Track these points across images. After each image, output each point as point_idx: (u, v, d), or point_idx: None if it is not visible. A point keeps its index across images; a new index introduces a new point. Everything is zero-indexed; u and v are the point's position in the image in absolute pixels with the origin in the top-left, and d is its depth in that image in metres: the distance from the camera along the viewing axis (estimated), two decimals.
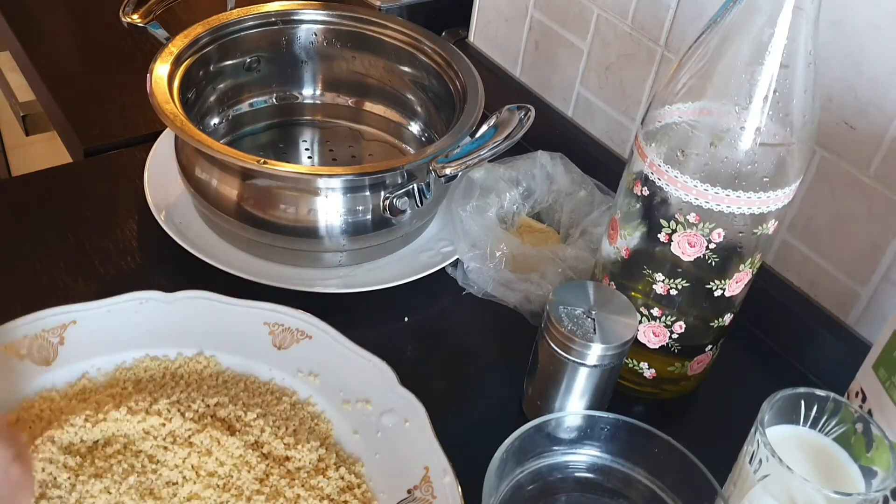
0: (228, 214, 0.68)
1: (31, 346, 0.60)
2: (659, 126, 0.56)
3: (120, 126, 0.86)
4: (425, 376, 0.64)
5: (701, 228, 0.56)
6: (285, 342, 0.63)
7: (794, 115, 0.53)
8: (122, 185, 0.78)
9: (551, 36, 0.86)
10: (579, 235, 0.76)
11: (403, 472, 0.56)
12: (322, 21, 0.82)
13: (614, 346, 0.57)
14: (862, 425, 0.48)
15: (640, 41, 0.78)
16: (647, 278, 0.60)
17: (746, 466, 0.49)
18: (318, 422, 0.59)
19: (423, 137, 0.84)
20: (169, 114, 0.66)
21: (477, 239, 0.72)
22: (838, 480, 0.48)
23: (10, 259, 0.70)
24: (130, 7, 0.76)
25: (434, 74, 0.79)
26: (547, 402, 0.61)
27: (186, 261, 0.69)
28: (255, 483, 0.54)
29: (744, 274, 0.59)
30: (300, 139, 0.86)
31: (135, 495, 0.52)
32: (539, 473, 0.57)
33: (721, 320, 0.61)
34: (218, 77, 0.80)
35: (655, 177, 0.56)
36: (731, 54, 0.52)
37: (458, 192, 0.75)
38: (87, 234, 0.73)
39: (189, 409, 0.57)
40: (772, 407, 0.49)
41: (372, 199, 0.68)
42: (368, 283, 0.70)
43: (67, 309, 0.62)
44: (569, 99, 0.87)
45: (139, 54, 0.96)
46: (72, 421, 0.55)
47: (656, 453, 0.56)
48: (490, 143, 0.67)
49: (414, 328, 0.70)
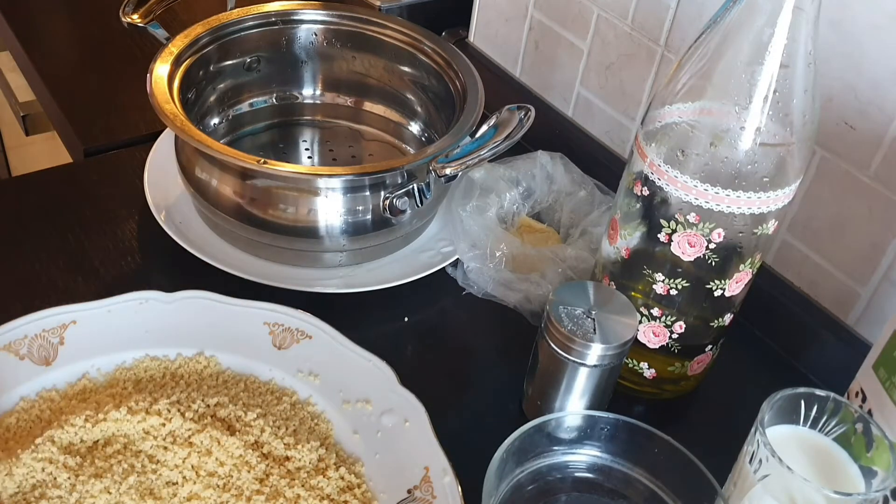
0: (228, 214, 0.68)
1: (31, 346, 0.60)
2: (659, 126, 0.56)
3: (120, 126, 0.86)
4: (425, 376, 0.64)
5: (701, 228, 0.56)
6: (285, 342, 0.63)
7: (794, 115, 0.53)
8: (122, 185, 0.78)
9: (551, 36, 0.86)
10: (579, 235, 0.76)
11: (403, 472, 0.56)
12: (322, 21, 0.82)
13: (614, 346, 0.57)
14: (862, 425, 0.48)
15: (640, 41, 0.78)
16: (647, 278, 0.60)
17: (746, 466, 0.49)
18: (318, 422, 0.59)
19: (423, 137, 0.84)
20: (169, 114, 0.66)
21: (477, 239, 0.72)
22: (838, 480, 0.48)
23: (10, 259, 0.70)
24: (130, 7, 0.76)
25: (434, 74, 0.79)
26: (547, 402, 0.61)
27: (186, 261, 0.69)
28: (255, 483, 0.54)
29: (744, 274, 0.59)
30: (300, 139, 0.86)
31: (135, 495, 0.52)
32: (539, 473, 0.57)
33: (721, 320, 0.61)
34: (218, 77, 0.80)
35: (655, 177, 0.56)
36: (731, 54, 0.52)
37: (458, 192, 0.75)
38: (87, 234, 0.73)
39: (189, 409, 0.57)
40: (772, 407, 0.49)
41: (372, 199, 0.68)
42: (368, 283, 0.70)
43: (67, 309, 0.61)
44: (569, 99, 0.87)
45: (139, 54, 0.96)
46: (72, 421, 0.55)
47: (656, 453, 0.56)
48: (490, 143, 0.67)
49: (414, 328, 0.70)
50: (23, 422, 0.56)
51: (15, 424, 0.56)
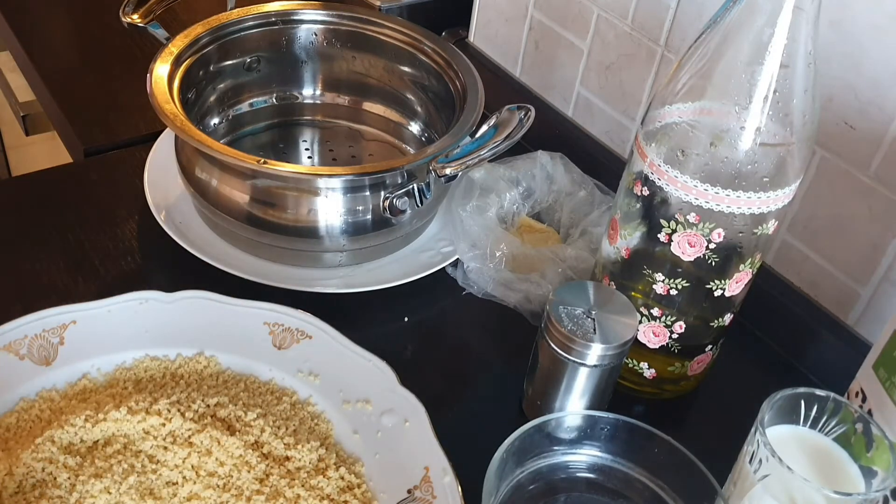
0: (228, 214, 0.68)
1: (31, 346, 0.60)
2: (659, 126, 0.56)
3: (120, 126, 0.86)
4: (425, 376, 0.64)
5: (701, 228, 0.56)
6: (285, 342, 0.63)
7: (794, 115, 0.53)
8: (122, 185, 0.78)
9: (551, 36, 0.86)
10: (579, 235, 0.76)
11: (403, 472, 0.56)
12: (322, 21, 0.82)
13: (614, 346, 0.57)
14: (862, 425, 0.48)
15: (640, 41, 0.78)
16: (647, 278, 0.60)
17: (746, 466, 0.49)
18: (318, 422, 0.59)
19: (423, 137, 0.84)
20: (169, 114, 0.66)
21: (477, 239, 0.72)
22: (838, 480, 0.48)
23: (10, 259, 0.70)
24: (130, 7, 0.76)
25: (434, 74, 0.79)
26: (547, 402, 0.61)
27: (186, 261, 0.69)
28: (255, 483, 0.54)
29: (744, 274, 0.59)
30: (300, 139, 0.86)
31: (135, 495, 0.52)
32: (539, 473, 0.57)
33: (721, 320, 0.61)
34: (218, 77, 0.80)
35: (655, 177, 0.56)
36: (731, 54, 0.52)
37: (458, 192, 0.75)
38: (87, 234, 0.73)
39: (189, 409, 0.57)
40: (772, 407, 0.49)
41: (372, 199, 0.68)
42: (368, 283, 0.70)
43: (67, 309, 0.61)
44: (569, 99, 0.87)
45: (139, 54, 0.96)
46: (72, 421, 0.55)
47: (656, 453, 0.56)
48: (490, 143, 0.67)
49: (414, 328, 0.70)
50: (23, 422, 0.56)
51: (15, 424, 0.56)
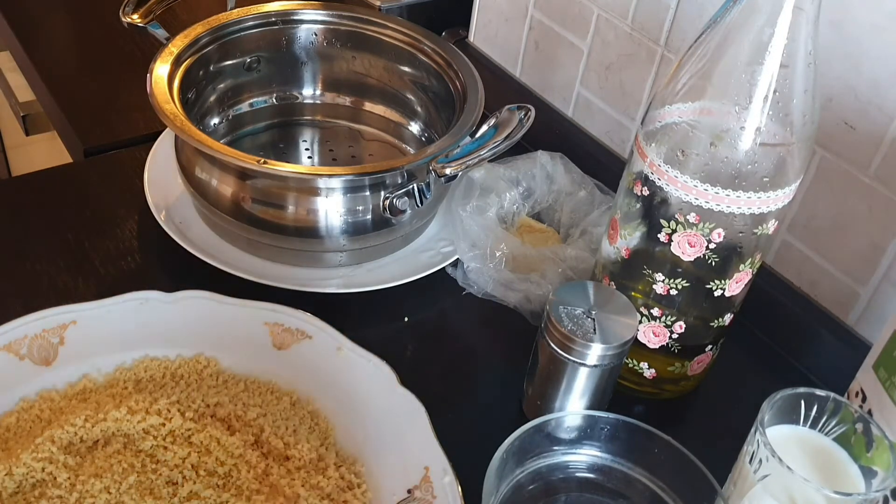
0: (228, 214, 0.68)
1: (31, 346, 0.60)
2: (659, 126, 0.56)
3: (120, 126, 0.86)
4: (425, 376, 0.64)
5: (701, 228, 0.56)
6: (285, 342, 0.63)
7: (794, 115, 0.53)
8: (122, 185, 0.78)
9: (551, 36, 0.86)
10: (579, 235, 0.76)
11: (403, 472, 0.56)
12: (322, 21, 0.82)
13: (614, 346, 0.57)
14: (862, 425, 0.48)
15: (640, 41, 0.78)
16: (647, 278, 0.60)
17: (746, 466, 0.49)
18: (318, 421, 0.59)
19: (423, 137, 0.84)
20: (169, 114, 0.66)
21: (477, 239, 0.72)
22: (838, 480, 0.48)
23: (10, 259, 0.70)
24: (130, 7, 0.76)
25: (434, 74, 0.79)
26: (547, 402, 0.61)
27: (186, 261, 0.69)
28: (255, 482, 0.54)
29: (744, 274, 0.59)
30: (300, 139, 0.86)
31: (135, 495, 0.52)
32: (539, 473, 0.57)
33: (721, 320, 0.61)
34: (218, 77, 0.80)
35: (655, 177, 0.56)
36: (731, 54, 0.52)
37: (458, 192, 0.75)
38: (87, 234, 0.73)
39: (189, 408, 0.57)
40: (772, 407, 0.49)
41: (372, 199, 0.68)
42: (368, 283, 0.70)
43: (67, 309, 0.61)
44: (569, 99, 0.87)
45: (139, 54, 0.96)
46: (72, 421, 0.55)
47: (656, 453, 0.56)
48: (490, 143, 0.67)
49: (414, 328, 0.70)
50: (23, 422, 0.56)
51: (15, 424, 0.56)
